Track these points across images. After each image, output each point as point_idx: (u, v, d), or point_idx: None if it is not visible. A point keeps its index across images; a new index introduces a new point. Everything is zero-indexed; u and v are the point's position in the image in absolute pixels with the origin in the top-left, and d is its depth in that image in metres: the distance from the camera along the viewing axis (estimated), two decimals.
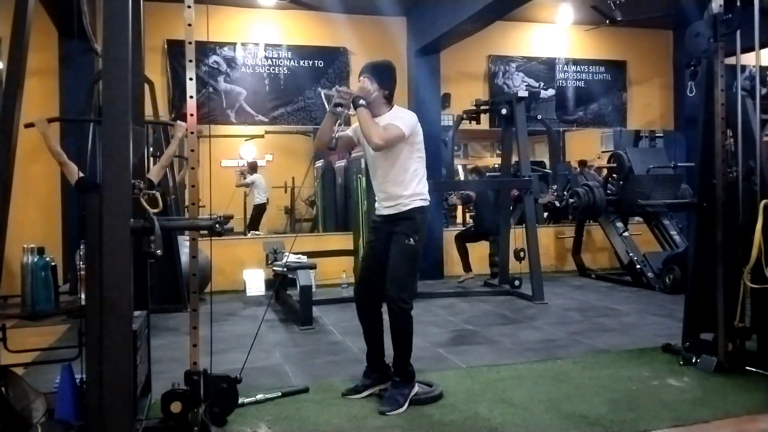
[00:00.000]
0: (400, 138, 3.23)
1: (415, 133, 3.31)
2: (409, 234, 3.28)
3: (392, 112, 3.37)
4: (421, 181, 3.36)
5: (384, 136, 3.18)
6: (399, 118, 3.29)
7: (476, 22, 6.91)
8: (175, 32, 7.00)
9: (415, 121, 3.34)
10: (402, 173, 3.31)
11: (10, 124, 2.46)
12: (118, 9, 2.21)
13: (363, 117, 3.23)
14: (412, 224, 3.30)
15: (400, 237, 3.28)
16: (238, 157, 12.02)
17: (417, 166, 3.35)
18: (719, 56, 3.72)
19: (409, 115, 3.37)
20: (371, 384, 3.42)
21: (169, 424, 2.81)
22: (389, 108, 3.39)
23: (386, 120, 3.30)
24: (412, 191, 3.31)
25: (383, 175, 3.37)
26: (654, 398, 3.34)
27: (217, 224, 2.61)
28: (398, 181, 3.31)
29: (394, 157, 3.29)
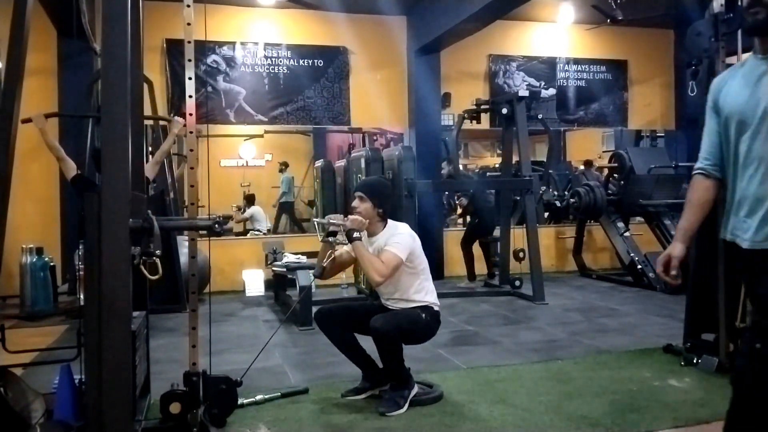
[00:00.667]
0: (399, 267, 3.21)
1: (412, 253, 3.27)
2: (423, 311, 3.28)
3: (387, 231, 3.33)
4: (428, 294, 3.35)
5: (383, 272, 3.15)
6: (395, 242, 3.24)
7: (476, 22, 6.90)
8: (175, 31, 6.99)
9: (411, 239, 3.31)
10: (407, 290, 3.31)
11: (9, 124, 2.45)
12: (117, 8, 2.20)
13: (360, 253, 3.21)
14: (426, 309, 3.31)
15: (417, 308, 3.29)
16: (237, 157, 12.02)
17: (420, 279, 3.34)
18: (720, 56, 3.70)
19: (404, 234, 3.31)
20: (371, 385, 3.41)
21: (168, 425, 2.80)
22: (384, 224, 3.37)
23: (382, 240, 3.28)
24: (420, 301, 3.32)
25: (389, 293, 3.37)
26: (655, 399, 3.33)
27: (216, 224, 2.60)
28: (404, 298, 3.32)
29: (396, 282, 3.29)
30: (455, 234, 8.39)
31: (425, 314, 3.28)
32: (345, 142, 11.68)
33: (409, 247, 3.26)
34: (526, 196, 6.52)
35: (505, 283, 6.92)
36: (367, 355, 3.41)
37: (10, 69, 2.50)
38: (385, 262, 3.17)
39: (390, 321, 3.16)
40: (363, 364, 3.43)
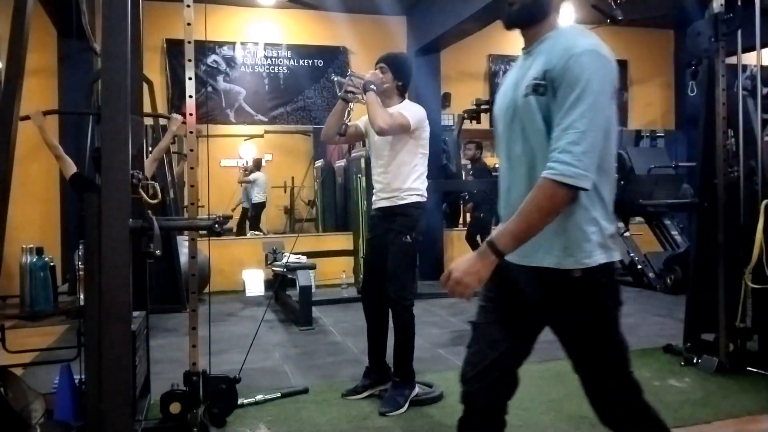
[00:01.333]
0: (405, 127, 3.21)
1: (421, 128, 3.29)
2: (406, 231, 3.26)
3: (402, 104, 3.36)
4: (419, 177, 3.33)
5: (389, 121, 3.15)
6: (407, 109, 3.28)
7: (476, 22, 6.90)
8: (174, 31, 6.99)
9: (424, 116, 3.33)
10: (402, 166, 3.29)
11: (9, 124, 2.45)
12: (117, 8, 2.20)
13: (371, 101, 3.19)
14: (409, 221, 3.28)
15: (398, 235, 3.27)
16: (237, 157, 12.01)
17: (418, 161, 3.33)
18: (720, 56, 3.71)
19: (418, 108, 3.34)
20: (371, 385, 3.41)
21: (168, 425, 2.80)
22: (401, 100, 3.39)
23: (395, 110, 3.29)
24: (410, 185, 3.29)
25: (384, 165, 3.34)
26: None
27: (216, 224, 2.60)
28: (397, 173, 3.29)
29: (397, 149, 3.28)
30: (455, 234, 8.40)
31: (409, 234, 3.25)
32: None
33: (420, 121, 3.27)
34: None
35: None
36: (383, 349, 3.43)
37: (10, 69, 2.50)
38: (393, 116, 3.18)
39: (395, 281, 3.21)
40: (375, 355, 3.44)
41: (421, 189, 3.34)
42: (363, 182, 6.54)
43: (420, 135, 3.30)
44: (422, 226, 3.36)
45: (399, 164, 3.29)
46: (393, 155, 3.29)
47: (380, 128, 3.16)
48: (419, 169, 3.33)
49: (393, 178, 3.31)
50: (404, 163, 3.29)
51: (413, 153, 3.30)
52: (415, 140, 3.29)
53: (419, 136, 3.30)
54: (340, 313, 5.71)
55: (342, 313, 5.73)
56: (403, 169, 3.29)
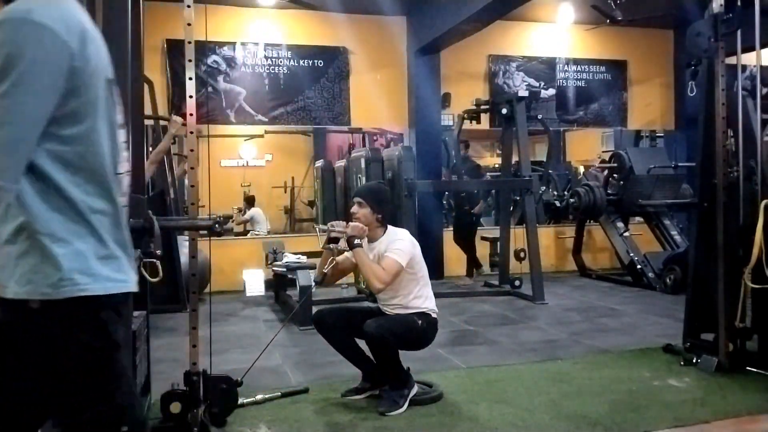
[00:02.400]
0: (399, 273, 3.21)
1: (412, 259, 3.27)
2: (419, 318, 3.28)
3: (387, 237, 3.34)
4: (426, 300, 3.35)
5: (384, 278, 3.16)
6: (395, 249, 3.24)
7: (476, 22, 6.90)
8: (175, 32, 6.99)
9: (411, 245, 3.31)
10: (405, 297, 3.31)
11: None
12: (117, 9, 2.21)
13: (360, 259, 3.22)
14: (424, 316, 3.30)
15: (412, 314, 3.29)
16: (237, 157, 12.01)
17: (420, 285, 3.34)
18: (720, 56, 3.71)
19: (405, 241, 3.31)
20: (371, 385, 3.41)
21: (169, 425, 2.80)
22: (384, 230, 3.38)
23: (383, 246, 3.29)
24: (417, 310, 3.30)
25: (389, 298, 3.36)
26: (655, 398, 3.34)
27: (217, 224, 2.61)
28: (402, 304, 3.31)
29: (396, 287, 3.28)
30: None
31: (421, 321, 3.28)
32: (345, 142, 11.67)
33: (410, 254, 3.26)
34: (525, 196, 6.53)
35: (505, 283, 6.93)
36: (366, 356, 3.41)
37: None
38: (385, 269, 3.18)
39: (383, 325, 3.17)
40: (362, 365, 3.43)
41: (431, 308, 3.35)
42: (363, 182, 6.54)
43: (413, 266, 3.29)
44: (431, 335, 3.36)
45: (401, 298, 3.31)
46: (394, 293, 3.31)
47: (377, 289, 3.21)
48: (423, 292, 3.34)
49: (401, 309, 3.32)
50: (406, 295, 3.31)
51: (414, 281, 3.32)
52: (410, 274, 3.30)
53: (412, 267, 3.29)
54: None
55: None
56: (408, 299, 3.31)
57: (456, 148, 8.08)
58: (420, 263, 3.36)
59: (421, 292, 3.34)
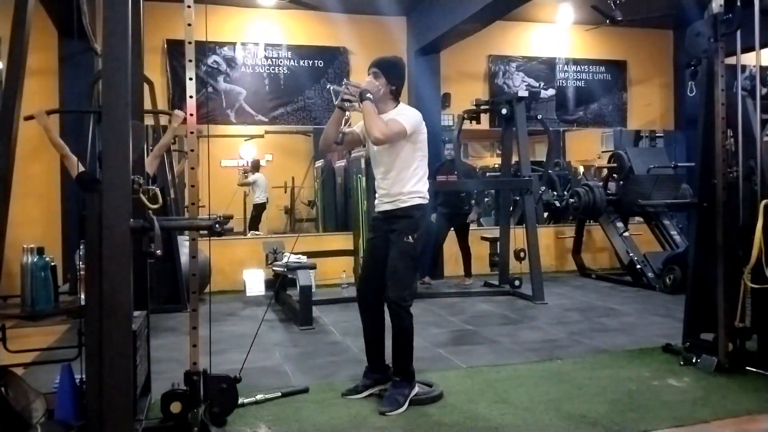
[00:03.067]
0: (402, 134, 3.24)
1: (417, 132, 3.31)
2: (408, 232, 3.28)
3: (397, 109, 3.38)
4: (420, 180, 3.35)
5: (385, 131, 3.18)
6: (403, 114, 3.30)
7: (476, 22, 6.91)
8: (175, 32, 7.00)
9: (419, 119, 3.35)
10: (402, 170, 3.31)
11: (10, 124, 2.46)
12: (117, 9, 2.21)
13: (367, 110, 3.22)
14: (411, 222, 3.30)
15: (399, 236, 3.28)
16: (238, 157, 12.02)
17: (418, 164, 3.35)
18: (719, 56, 3.71)
19: (414, 112, 3.36)
20: (371, 384, 3.42)
21: (169, 425, 2.80)
22: (395, 104, 3.41)
23: (391, 116, 3.31)
24: (411, 189, 3.31)
25: (384, 171, 3.37)
26: (654, 398, 3.34)
27: (217, 224, 2.61)
28: (398, 178, 3.31)
29: (395, 154, 3.30)
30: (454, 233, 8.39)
31: (410, 234, 3.26)
32: None
33: (417, 123, 3.29)
34: (525, 196, 6.53)
35: (505, 282, 6.93)
36: (382, 349, 3.44)
37: (11, 69, 2.51)
38: (389, 125, 3.20)
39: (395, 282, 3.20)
40: (373, 355, 3.45)
41: (422, 191, 3.36)
42: (363, 182, 6.54)
43: (417, 138, 3.32)
44: (424, 227, 3.38)
45: (399, 169, 3.31)
46: (392, 161, 3.32)
47: (377, 139, 3.19)
48: (419, 171, 3.35)
49: (393, 183, 3.33)
50: (404, 167, 3.31)
51: (412, 157, 3.32)
52: (413, 144, 3.31)
53: (416, 140, 3.32)
54: (340, 313, 5.72)
55: (342, 312, 5.73)
56: (403, 174, 3.31)
57: (456, 148, 8.07)
58: (424, 141, 3.37)
59: (417, 170, 3.33)
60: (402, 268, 3.26)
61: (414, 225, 3.30)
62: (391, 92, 3.38)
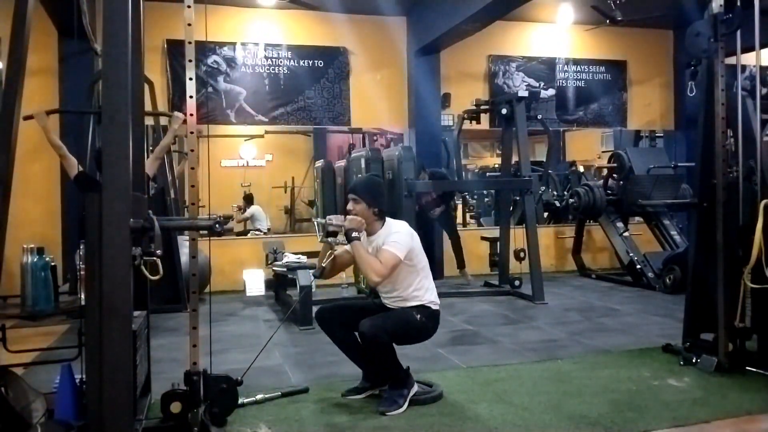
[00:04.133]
0: (397, 266, 3.19)
1: (410, 251, 3.25)
2: (419, 312, 3.27)
3: (385, 230, 3.31)
4: (427, 292, 3.33)
5: (381, 272, 3.14)
6: (393, 241, 3.21)
7: (476, 22, 6.90)
8: (175, 32, 7.00)
9: (410, 236, 3.28)
10: (405, 290, 3.30)
11: (10, 124, 2.46)
12: (117, 9, 2.21)
13: (358, 253, 3.20)
14: (423, 308, 3.29)
15: (412, 309, 3.28)
16: (238, 157, 12.02)
17: (420, 277, 3.32)
18: (719, 56, 3.71)
19: (403, 233, 3.28)
20: (371, 385, 3.42)
21: (169, 425, 2.80)
22: (381, 223, 3.35)
23: (381, 239, 3.27)
24: (418, 303, 3.30)
25: (389, 291, 3.35)
26: (654, 398, 3.34)
27: (217, 224, 2.61)
28: (403, 296, 3.31)
29: (395, 280, 3.27)
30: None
31: (420, 314, 3.27)
32: (345, 142, 11.68)
33: (408, 246, 3.24)
34: (525, 196, 6.53)
35: (505, 282, 6.93)
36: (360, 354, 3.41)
37: (11, 69, 2.50)
38: (383, 262, 3.16)
39: (377, 324, 3.14)
40: (364, 364, 3.44)
41: (433, 300, 3.34)
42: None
43: (411, 257, 3.27)
44: (434, 326, 3.37)
45: (401, 290, 3.30)
46: (393, 285, 3.30)
47: (375, 282, 3.19)
48: (424, 284, 3.33)
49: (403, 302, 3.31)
50: (406, 287, 3.30)
51: (411, 275, 3.30)
52: (409, 267, 3.28)
53: (411, 259, 3.27)
54: None
55: None
56: (408, 291, 3.30)
57: (456, 148, 8.08)
58: (419, 255, 3.34)
59: (421, 284, 3.32)
60: (396, 324, 3.21)
61: (427, 312, 3.29)
62: (375, 213, 3.31)
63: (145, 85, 6.01)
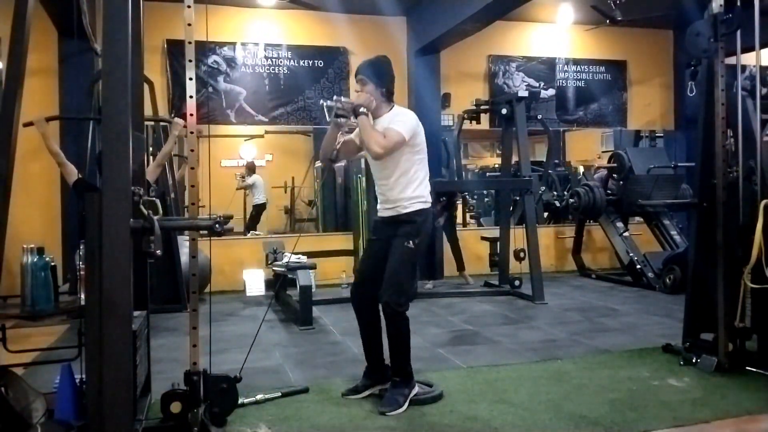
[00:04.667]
0: (400, 143, 3.21)
1: (415, 135, 3.28)
2: (409, 237, 3.26)
3: (392, 113, 3.35)
4: (421, 184, 3.33)
5: (384, 144, 3.16)
6: (399, 121, 3.26)
7: (476, 22, 6.90)
8: (175, 32, 7.00)
9: (416, 122, 3.32)
10: (401, 176, 3.29)
11: (10, 124, 2.46)
12: (117, 9, 2.21)
13: (363, 125, 3.22)
14: (413, 227, 3.28)
15: (400, 240, 3.27)
16: (238, 157, 12.03)
17: (417, 168, 3.32)
18: (719, 56, 3.71)
19: (409, 116, 3.33)
20: (371, 384, 3.42)
21: (169, 425, 2.80)
22: (389, 106, 3.38)
23: (386, 121, 3.28)
24: (412, 194, 3.29)
25: (383, 178, 3.36)
26: (654, 398, 3.34)
27: (217, 224, 2.61)
28: (397, 183, 3.30)
29: (394, 161, 3.28)
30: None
31: (411, 238, 3.24)
32: None
33: (414, 129, 3.26)
34: (525, 196, 6.53)
35: (504, 282, 6.93)
36: (380, 348, 3.43)
37: (11, 69, 2.51)
38: (387, 137, 3.17)
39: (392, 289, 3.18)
40: (372, 356, 3.44)
41: (424, 195, 3.34)
42: (363, 182, 6.55)
43: (415, 142, 3.29)
44: (426, 232, 3.36)
45: (398, 175, 3.29)
46: (391, 168, 3.29)
47: (377, 153, 3.19)
48: (419, 175, 3.32)
49: (393, 189, 3.31)
50: (403, 173, 3.29)
51: (411, 161, 3.30)
52: (411, 147, 3.29)
53: (414, 143, 3.29)
54: (340, 313, 5.72)
55: (342, 312, 5.73)
56: (402, 179, 3.29)
57: (456, 148, 8.09)
58: (422, 143, 3.34)
59: (416, 175, 3.30)
60: (401, 272, 3.25)
61: (416, 230, 3.28)
62: (383, 95, 3.34)
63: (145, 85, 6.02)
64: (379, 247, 3.40)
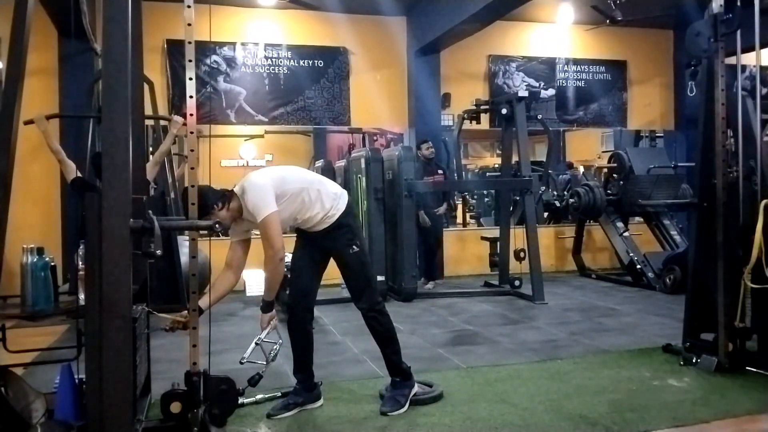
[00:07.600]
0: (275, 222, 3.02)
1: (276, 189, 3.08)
2: (350, 243, 3.22)
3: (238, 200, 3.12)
4: (325, 201, 3.17)
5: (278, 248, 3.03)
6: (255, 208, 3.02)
7: (476, 22, 6.91)
8: (175, 32, 7.00)
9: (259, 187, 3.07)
10: (306, 213, 3.17)
11: (10, 124, 2.46)
12: (117, 9, 2.21)
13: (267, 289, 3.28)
14: (348, 231, 3.23)
15: (345, 250, 3.22)
16: (238, 157, 12.02)
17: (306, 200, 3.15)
18: (720, 56, 3.71)
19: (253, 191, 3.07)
20: (302, 402, 3.26)
21: (169, 425, 2.80)
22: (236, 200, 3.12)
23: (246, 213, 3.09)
24: (325, 214, 3.18)
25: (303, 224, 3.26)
26: (654, 398, 3.34)
27: (217, 224, 2.61)
28: (310, 218, 3.19)
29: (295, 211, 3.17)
30: (455, 233, 8.41)
31: (352, 244, 3.21)
32: (345, 142, 11.69)
33: (268, 194, 3.04)
34: (525, 196, 6.53)
35: (505, 282, 6.93)
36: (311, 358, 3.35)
37: (11, 69, 2.50)
38: (266, 238, 3.02)
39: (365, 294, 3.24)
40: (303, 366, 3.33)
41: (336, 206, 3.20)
42: (363, 182, 6.55)
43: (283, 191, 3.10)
44: (360, 228, 3.35)
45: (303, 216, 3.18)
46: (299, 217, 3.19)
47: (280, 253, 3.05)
48: (317, 200, 3.16)
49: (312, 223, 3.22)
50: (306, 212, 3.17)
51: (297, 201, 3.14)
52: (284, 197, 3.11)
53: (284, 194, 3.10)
54: (340, 313, 5.72)
55: (342, 312, 5.72)
56: (310, 214, 3.17)
57: (456, 148, 8.09)
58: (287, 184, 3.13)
59: (314, 201, 3.15)
60: (362, 278, 3.26)
61: (351, 232, 3.24)
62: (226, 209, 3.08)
63: (145, 85, 6.03)
64: (307, 258, 3.34)
